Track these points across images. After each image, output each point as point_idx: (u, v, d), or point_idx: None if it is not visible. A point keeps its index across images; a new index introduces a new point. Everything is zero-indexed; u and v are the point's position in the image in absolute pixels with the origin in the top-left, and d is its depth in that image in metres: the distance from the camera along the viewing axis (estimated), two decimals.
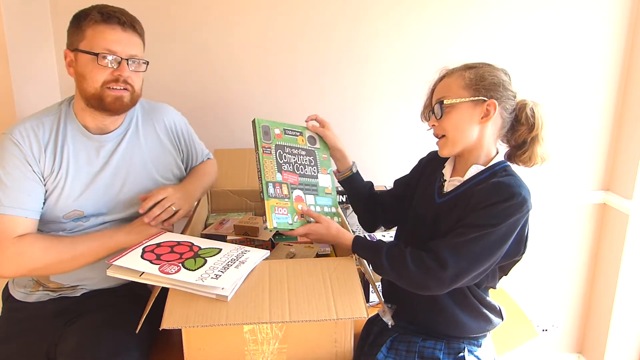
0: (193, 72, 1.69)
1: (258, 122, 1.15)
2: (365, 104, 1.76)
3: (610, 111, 1.87)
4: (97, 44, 1.11)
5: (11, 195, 1.09)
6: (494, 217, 0.96)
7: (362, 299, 0.98)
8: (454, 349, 1.07)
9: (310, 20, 1.68)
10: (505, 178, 1.00)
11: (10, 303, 1.23)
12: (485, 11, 1.72)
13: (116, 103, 1.15)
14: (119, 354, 1.05)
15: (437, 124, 1.07)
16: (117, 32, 1.13)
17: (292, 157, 1.17)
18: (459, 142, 1.05)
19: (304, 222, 1.13)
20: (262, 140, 1.14)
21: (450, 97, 1.04)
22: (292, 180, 1.15)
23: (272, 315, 0.93)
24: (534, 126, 1.04)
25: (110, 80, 1.13)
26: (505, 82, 1.05)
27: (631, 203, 1.83)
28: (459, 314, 1.06)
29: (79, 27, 1.12)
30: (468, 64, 1.07)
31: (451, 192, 1.07)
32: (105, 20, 1.12)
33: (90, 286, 1.22)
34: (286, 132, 1.18)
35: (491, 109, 1.02)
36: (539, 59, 1.79)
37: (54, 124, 1.18)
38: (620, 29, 1.79)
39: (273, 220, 1.09)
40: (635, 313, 1.97)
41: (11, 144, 1.12)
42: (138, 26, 1.17)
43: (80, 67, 1.13)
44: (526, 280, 2.01)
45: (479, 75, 1.03)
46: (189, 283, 0.96)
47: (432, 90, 1.12)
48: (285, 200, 1.12)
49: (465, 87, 1.03)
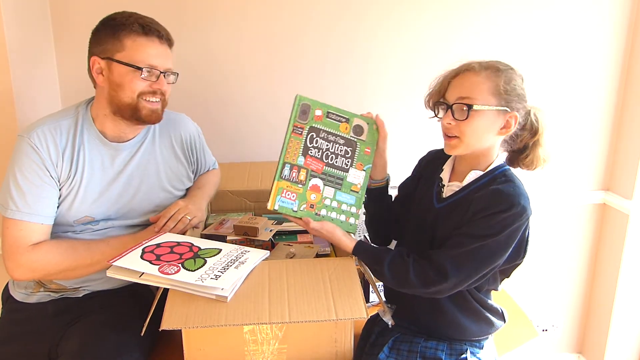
0: (197, 74, 1.69)
1: (299, 99, 1.09)
2: (366, 104, 1.76)
3: (610, 111, 1.87)
4: (139, 58, 1.11)
5: (29, 200, 1.09)
6: (493, 227, 0.96)
7: (362, 299, 0.98)
8: (456, 350, 1.07)
9: (311, 20, 1.68)
10: (505, 186, 0.99)
11: (10, 304, 1.23)
12: (485, 11, 1.72)
13: (152, 115, 1.17)
14: (120, 355, 1.05)
15: (454, 124, 1.00)
16: (156, 46, 1.14)
17: (325, 143, 1.10)
18: (472, 147, 1.03)
19: (311, 213, 1.09)
20: (296, 118, 1.09)
21: (479, 102, 0.98)
22: (314, 167, 1.09)
23: (272, 315, 0.93)
24: (537, 132, 1.04)
25: (147, 92, 1.14)
26: (525, 93, 1.02)
27: (631, 203, 1.83)
28: (460, 317, 1.06)
29: (116, 36, 1.11)
30: (492, 64, 1.01)
31: (450, 198, 1.07)
32: (146, 34, 1.13)
33: (92, 287, 1.23)
34: (328, 116, 1.10)
35: (512, 122, 1.00)
36: (539, 59, 1.79)
37: (71, 127, 1.17)
38: (620, 29, 1.78)
39: (276, 203, 1.07)
40: (635, 313, 1.97)
41: (29, 149, 1.11)
42: (171, 39, 1.20)
43: (116, 77, 1.12)
44: (526, 280, 2.01)
45: (511, 85, 0.99)
46: (188, 284, 0.96)
47: (447, 81, 1.05)
48: (298, 185, 1.08)
49: (496, 94, 0.98)
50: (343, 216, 1.12)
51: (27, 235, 1.09)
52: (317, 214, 1.10)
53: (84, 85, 1.23)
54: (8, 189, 1.10)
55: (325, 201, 1.11)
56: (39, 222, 1.11)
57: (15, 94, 1.43)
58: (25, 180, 1.10)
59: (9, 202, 1.09)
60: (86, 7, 1.60)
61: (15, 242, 1.09)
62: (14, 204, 1.09)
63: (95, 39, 1.15)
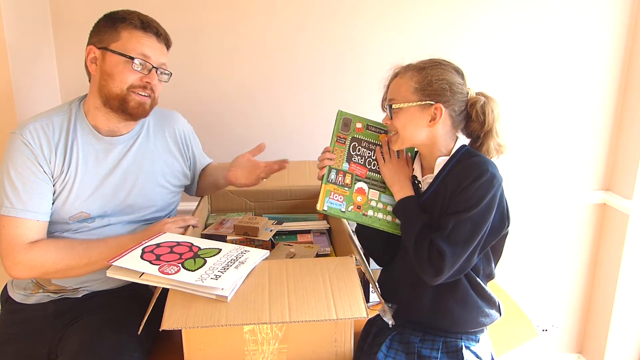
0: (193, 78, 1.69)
1: (340, 114, 1.19)
2: (367, 102, 1.76)
3: (610, 111, 1.87)
4: (133, 48, 1.13)
5: (23, 197, 1.09)
6: (470, 199, 1.01)
7: (362, 299, 0.98)
8: (452, 346, 1.07)
9: (308, 20, 1.68)
10: (471, 159, 1.05)
11: (9, 305, 1.23)
12: (485, 10, 1.72)
13: (139, 109, 1.17)
14: (120, 355, 1.05)
15: (389, 123, 1.12)
16: (152, 41, 1.16)
17: (366, 151, 1.18)
18: (408, 140, 1.11)
19: (358, 214, 1.14)
20: (339, 130, 1.18)
21: (399, 101, 1.09)
22: (359, 172, 1.17)
23: (272, 315, 0.93)
24: (484, 122, 1.08)
25: (137, 85, 1.15)
26: (454, 85, 1.07)
27: (631, 203, 1.83)
28: (458, 309, 1.07)
29: (114, 27, 1.13)
30: (419, 64, 1.10)
31: (428, 189, 1.10)
32: (145, 28, 1.14)
33: (92, 288, 1.22)
34: (368, 128, 1.20)
35: (437, 113, 1.06)
36: (539, 59, 1.78)
37: (64, 123, 1.17)
38: (620, 29, 1.78)
39: (325, 204, 1.13)
40: (635, 313, 1.97)
41: (22, 145, 1.11)
42: (169, 40, 1.21)
43: (108, 67, 1.13)
44: (526, 280, 2.01)
45: (427, 81, 1.06)
46: (188, 284, 0.96)
47: (387, 86, 1.16)
48: (344, 188, 1.15)
49: (414, 91, 1.07)
50: (389, 217, 1.15)
51: (23, 232, 1.09)
52: (365, 214, 1.14)
53: (83, 83, 1.23)
54: (2, 186, 1.10)
55: (371, 202, 1.15)
56: (35, 218, 1.11)
57: (15, 91, 1.43)
58: (18, 177, 1.10)
59: (3, 200, 1.09)
60: (85, 5, 1.60)
61: (12, 239, 1.09)
62: (9, 201, 1.09)
63: (95, 30, 1.17)
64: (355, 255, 1.10)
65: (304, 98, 1.74)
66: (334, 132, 1.18)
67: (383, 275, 1.23)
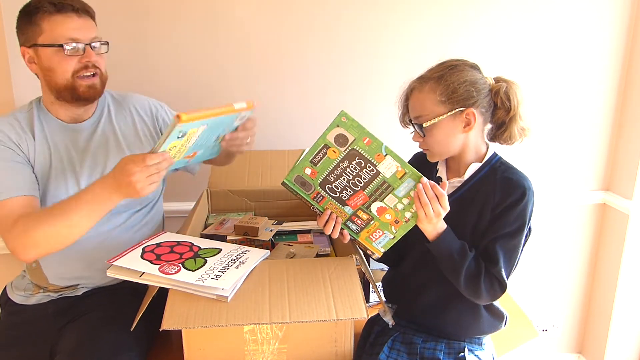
0: (196, 73, 1.69)
1: (289, 183, 1.06)
2: (370, 102, 1.76)
3: (610, 111, 1.87)
4: (58, 34, 1.10)
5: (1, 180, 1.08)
6: (516, 220, 1.01)
7: (362, 299, 0.98)
8: (454, 349, 1.07)
9: (315, 19, 1.68)
10: (509, 174, 1.04)
11: (9, 307, 1.23)
12: (485, 10, 1.72)
13: (90, 91, 1.16)
14: (117, 354, 1.04)
15: (421, 141, 1.08)
16: (74, 20, 1.12)
17: (342, 180, 1.03)
18: (445, 153, 1.08)
19: (402, 226, 1.03)
20: (307, 196, 1.06)
21: (428, 117, 1.03)
22: (360, 201, 1.03)
23: (272, 315, 0.93)
24: (510, 108, 1.05)
25: (79, 68, 1.13)
26: (477, 83, 1.03)
27: (631, 203, 1.83)
28: (466, 318, 1.07)
29: (32, 21, 1.11)
30: (434, 74, 1.04)
31: (454, 194, 1.07)
32: (59, 10, 1.10)
33: (90, 284, 1.22)
34: (313, 162, 1.03)
35: (471, 118, 1.03)
36: (539, 59, 1.78)
37: (29, 119, 1.18)
38: (620, 29, 1.78)
39: (378, 249, 1.07)
40: (635, 313, 1.97)
41: None
42: (90, 9, 1.16)
43: (45, 62, 1.12)
44: (526, 280, 2.01)
45: (451, 89, 1.01)
46: (189, 283, 0.96)
47: (404, 104, 1.10)
48: (371, 223, 1.05)
49: (440, 103, 1.02)
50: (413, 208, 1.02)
51: (9, 213, 1.06)
52: (406, 221, 1.03)
53: None
54: None
55: (398, 207, 1.02)
56: (20, 194, 1.08)
57: (14, 90, 1.43)
58: None
59: None
60: None
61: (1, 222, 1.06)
62: None
63: (18, 30, 1.15)
64: (355, 256, 1.10)
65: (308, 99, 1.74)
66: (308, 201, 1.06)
67: (389, 274, 1.23)
